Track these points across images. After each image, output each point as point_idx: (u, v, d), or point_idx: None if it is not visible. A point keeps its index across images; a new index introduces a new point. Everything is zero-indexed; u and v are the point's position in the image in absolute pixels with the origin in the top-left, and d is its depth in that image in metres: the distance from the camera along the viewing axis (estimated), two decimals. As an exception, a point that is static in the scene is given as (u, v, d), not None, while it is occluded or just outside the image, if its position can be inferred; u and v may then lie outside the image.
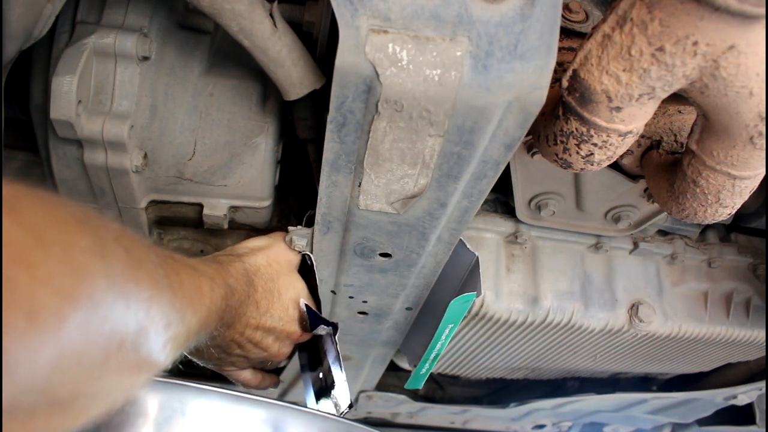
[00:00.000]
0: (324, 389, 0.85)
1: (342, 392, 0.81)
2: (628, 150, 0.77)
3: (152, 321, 0.41)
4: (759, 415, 1.62)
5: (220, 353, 0.76)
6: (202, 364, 0.80)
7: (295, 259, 0.80)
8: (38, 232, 0.31)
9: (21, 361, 0.29)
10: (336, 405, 0.82)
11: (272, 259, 0.76)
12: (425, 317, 0.96)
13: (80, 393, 0.35)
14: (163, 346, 0.43)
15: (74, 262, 0.33)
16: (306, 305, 0.79)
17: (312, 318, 0.79)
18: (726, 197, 0.66)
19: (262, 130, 0.79)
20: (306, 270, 0.81)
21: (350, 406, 0.81)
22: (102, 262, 0.35)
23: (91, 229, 0.36)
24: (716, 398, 1.52)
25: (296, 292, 0.79)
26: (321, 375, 0.85)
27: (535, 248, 1.05)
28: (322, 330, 0.80)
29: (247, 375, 0.85)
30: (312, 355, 0.89)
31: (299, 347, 0.89)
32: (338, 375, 0.81)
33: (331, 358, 0.82)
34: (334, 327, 0.80)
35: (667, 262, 1.12)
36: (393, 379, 1.57)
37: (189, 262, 0.56)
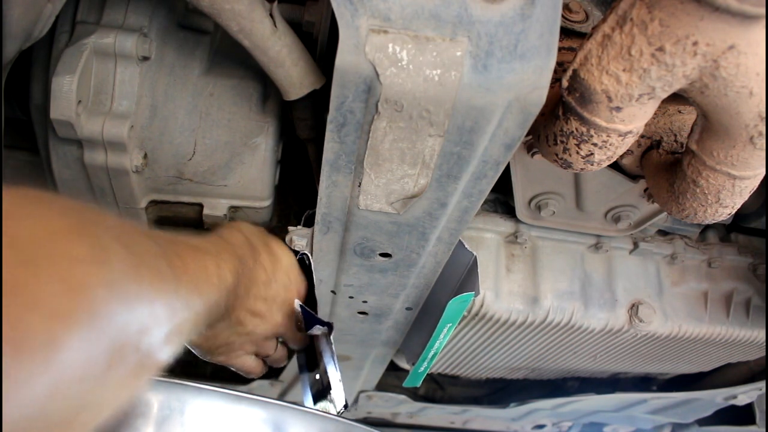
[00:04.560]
0: (321, 390, 0.84)
1: (337, 393, 0.81)
2: (628, 150, 0.77)
3: (155, 318, 0.39)
4: (759, 415, 1.62)
5: (230, 336, 0.73)
6: (207, 360, 0.79)
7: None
8: (26, 249, 0.29)
9: (12, 395, 0.27)
10: (333, 405, 0.82)
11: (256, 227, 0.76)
12: (424, 316, 0.96)
13: (84, 406, 0.33)
14: (166, 339, 0.42)
15: (69, 277, 0.31)
16: (301, 305, 0.78)
17: (307, 318, 0.79)
18: (726, 197, 0.66)
19: (262, 130, 0.79)
20: (304, 270, 0.81)
21: (345, 407, 0.81)
22: (102, 268, 0.33)
23: (87, 234, 0.34)
24: (716, 398, 1.52)
25: (290, 260, 0.77)
26: (318, 376, 0.85)
27: (535, 248, 1.05)
28: (317, 330, 0.80)
29: (251, 362, 0.83)
30: (310, 356, 0.89)
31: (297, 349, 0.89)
32: (333, 375, 0.81)
33: (326, 358, 0.82)
34: (329, 327, 0.80)
35: (667, 262, 1.12)
36: (393, 379, 1.56)
37: (192, 242, 0.55)
